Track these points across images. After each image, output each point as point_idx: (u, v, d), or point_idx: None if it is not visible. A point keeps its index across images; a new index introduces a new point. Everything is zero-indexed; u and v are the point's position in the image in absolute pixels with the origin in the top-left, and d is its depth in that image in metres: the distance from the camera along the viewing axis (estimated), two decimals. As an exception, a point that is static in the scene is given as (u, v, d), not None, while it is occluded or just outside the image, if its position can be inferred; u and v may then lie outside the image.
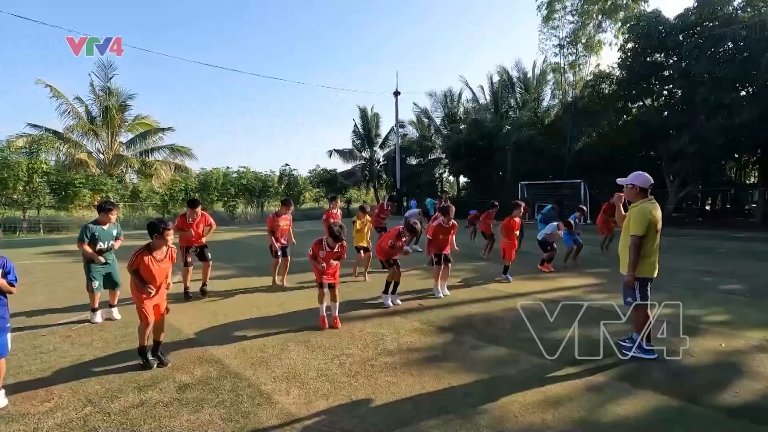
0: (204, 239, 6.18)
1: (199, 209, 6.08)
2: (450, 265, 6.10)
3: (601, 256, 9.35)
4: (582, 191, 18.63)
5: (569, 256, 8.27)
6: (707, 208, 24.53)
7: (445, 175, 32.42)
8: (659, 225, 3.50)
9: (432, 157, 31.50)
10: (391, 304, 5.29)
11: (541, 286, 6.45)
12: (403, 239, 5.40)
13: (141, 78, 59.61)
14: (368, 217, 7.39)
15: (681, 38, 17.73)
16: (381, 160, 32.27)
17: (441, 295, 5.82)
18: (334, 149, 32.03)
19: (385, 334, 4.29)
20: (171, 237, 3.50)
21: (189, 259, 5.95)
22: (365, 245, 7.05)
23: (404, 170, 28.20)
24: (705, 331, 4.29)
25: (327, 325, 4.44)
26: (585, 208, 8.04)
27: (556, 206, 10.57)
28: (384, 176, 32.48)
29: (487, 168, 24.89)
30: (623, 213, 3.75)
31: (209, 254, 6.15)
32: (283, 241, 6.67)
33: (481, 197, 18.94)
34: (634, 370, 3.38)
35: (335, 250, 4.47)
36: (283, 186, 23.82)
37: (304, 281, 6.75)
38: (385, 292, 5.36)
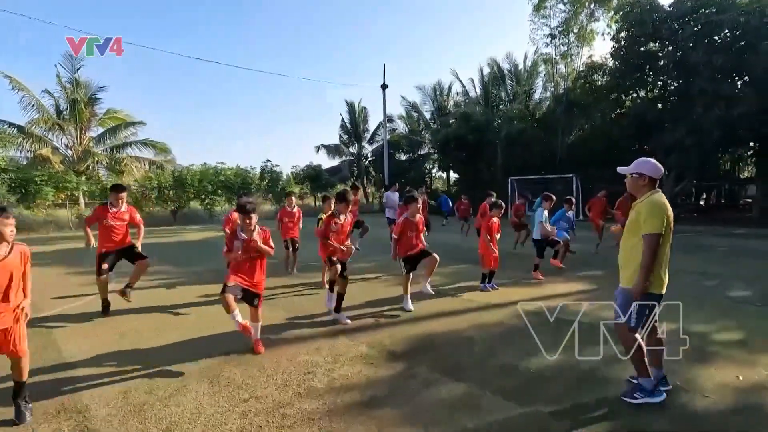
0: (138, 243, 5.22)
1: (124, 196, 5.08)
2: (437, 257, 5.14)
3: (594, 256, 8.58)
4: (574, 186, 17.89)
5: (566, 251, 7.47)
6: (701, 203, 23.93)
7: (434, 170, 31.58)
8: (672, 224, 2.64)
9: (422, 153, 30.68)
10: (348, 321, 4.39)
11: (524, 295, 5.60)
12: (343, 218, 4.48)
13: (117, 71, 58.14)
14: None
15: (676, 26, 16.94)
16: (369, 155, 31.38)
17: (410, 308, 4.92)
18: (321, 144, 31.12)
19: (319, 363, 3.42)
20: (10, 229, 2.57)
21: (105, 266, 4.85)
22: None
23: (393, 166, 27.28)
24: (716, 356, 3.47)
25: (251, 330, 3.60)
26: (552, 195, 7.02)
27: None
28: (373, 172, 31.57)
29: (477, 163, 24.08)
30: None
31: (142, 253, 5.10)
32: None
33: (472, 192, 18.13)
34: (633, 419, 2.54)
35: (254, 236, 3.58)
36: (264, 183, 22.82)
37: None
38: (337, 310, 4.47)
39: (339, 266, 4.41)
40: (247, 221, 3.53)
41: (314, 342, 3.92)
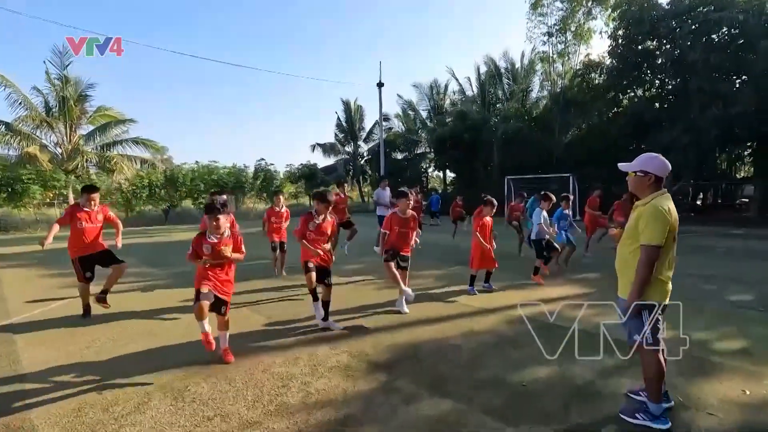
0: (118, 241, 5.04)
1: (96, 197, 4.82)
2: (407, 271, 4.98)
3: (587, 258, 8.37)
4: (571, 185, 17.70)
5: (560, 256, 7.22)
6: (699, 203, 23.81)
7: (431, 170, 31.36)
8: (676, 229, 2.36)
9: (418, 152, 30.44)
10: (322, 313, 4.24)
11: (517, 298, 5.37)
12: (321, 219, 4.24)
13: (111, 69, 57.61)
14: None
15: (674, 24, 16.78)
16: (365, 154, 31.11)
17: (405, 310, 4.74)
18: (317, 143, 30.85)
19: (296, 375, 3.18)
20: None
21: (88, 274, 4.73)
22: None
23: (389, 165, 27.06)
24: (719, 367, 3.25)
25: (213, 346, 3.32)
26: (550, 195, 6.63)
27: (539, 195, 9.46)
28: (369, 171, 31.33)
29: (474, 162, 23.88)
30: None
31: (118, 258, 4.87)
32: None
33: (468, 192, 17.92)
34: (629, 442, 2.32)
35: (223, 237, 3.35)
36: (258, 181, 22.53)
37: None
38: (325, 318, 4.24)
39: (314, 274, 4.19)
40: (215, 223, 3.29)
41: (293, 351, 3.68)
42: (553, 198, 6.69)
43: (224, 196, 5.29)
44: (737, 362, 3.32)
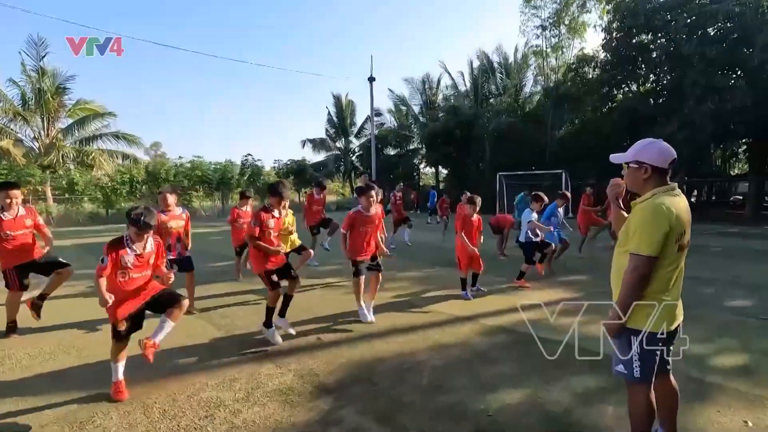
0: (43, 250, 4.41)
1: (17, 194, 4.00)
2: (381, 275, 4.54)
3: (579, 260, 7.94)
4: (563, 181, 17.32)
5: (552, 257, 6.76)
6: (693, 200, 23.53)
7: (423, 166, 30.88)
8: (687, 236, 1.82)
9: (410, 148, 29.96)
10: (280, 341, 3.72)
11: (497, 305, 4.93)
12: (277, 214, 3.78)
13: (105, 64, 56.49)
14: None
15: (669, 16, 16.38)
16: (356, 150, 30.57)
17: (369, 319, 4.27)
18: (307, 139, 30.26)
19: (225, 402, 2.71)
20: None
21: (27, 281, 4.10)
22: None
23: (381, 161, 26.55)
24: (717, 390, 2.81)
25: (125, 395, 2.76)
26: (542, 195, 6.16)
27: (528, 192, 8.98)
28: (360, 167, 30.80)
29: (466, 158, 23.46)
30: (623, 213, 2.03)
31: (62, 261, 4.28)
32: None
33: (460, 188, 17.49)
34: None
35: (146, 250, 2.88)
36: (245, 177, 21.96)
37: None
38: (267, 324, 3.77)
39: (280, 289, 3.74)
40: (144, 235, 2.80)
41: (233, 369, 3.21)
42: (545, 199, 6.23)
43: (168, 195, 4.62)
44: (738, 384, 2.89)
